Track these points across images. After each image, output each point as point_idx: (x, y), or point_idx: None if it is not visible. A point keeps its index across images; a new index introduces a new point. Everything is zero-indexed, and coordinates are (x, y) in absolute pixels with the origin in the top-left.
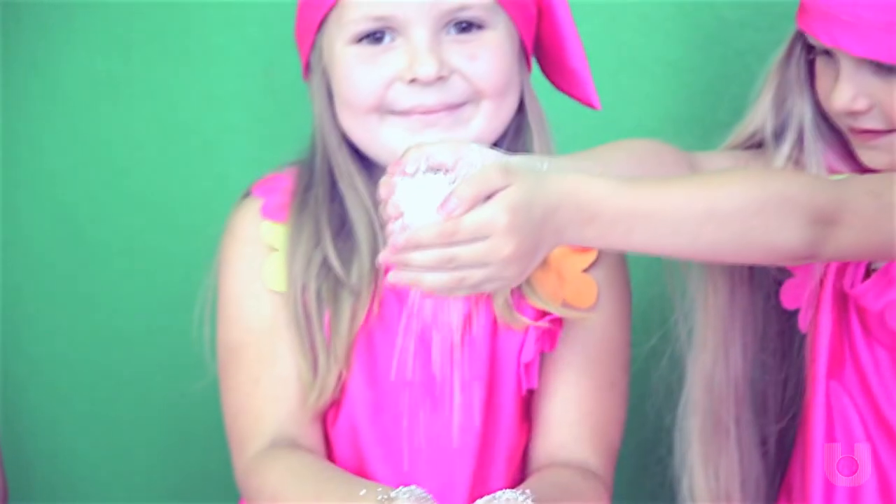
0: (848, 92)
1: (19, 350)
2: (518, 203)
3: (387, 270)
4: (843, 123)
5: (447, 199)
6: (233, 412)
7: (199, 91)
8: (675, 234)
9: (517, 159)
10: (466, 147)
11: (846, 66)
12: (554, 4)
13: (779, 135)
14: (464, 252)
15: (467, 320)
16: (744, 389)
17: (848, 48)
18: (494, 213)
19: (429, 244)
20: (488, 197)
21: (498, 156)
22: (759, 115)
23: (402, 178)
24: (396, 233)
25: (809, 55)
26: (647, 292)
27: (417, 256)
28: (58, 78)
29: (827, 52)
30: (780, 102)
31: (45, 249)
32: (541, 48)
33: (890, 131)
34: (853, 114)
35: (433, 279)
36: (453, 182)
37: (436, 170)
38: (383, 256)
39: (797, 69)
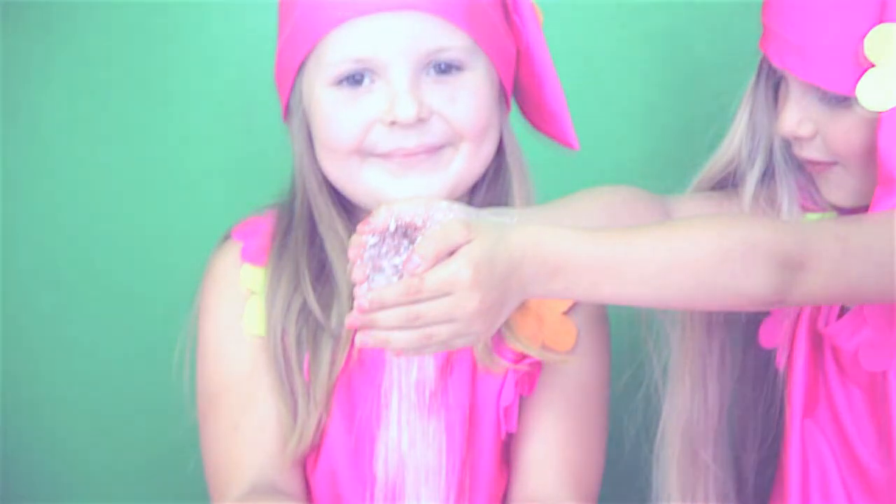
0: (793, 116)
1: None
2: (481, 257)
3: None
4: (795, 152)
5: (409, 257)
6: (213, 457)
7: (178, 132)
8: (642, 284)
9: (483, 214)
10: (435, 205)
11: (794, 90)
12: (532, 46)
13: (753, 158)
14: (429, 309)
15: (446, 366)
16: (722, 425)
17: (794, 72)
18: (457, 269)
19: (393, 303)
20: (452, 253)
21: (465, 212)
22: (736, 140)
23: (370, 237)
24: (362, 294)
25: (774, 77)
26: (621, 322)
27: (383, 316)
28: (37, 120)
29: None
30: (753, 126)
31: (25, 292)
32: (519, 89)
33: (831, 163)
34: (798, 139)
35: (401, 338)
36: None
37: (405, 228)
38: (350, 320)
39: (765, 91)
